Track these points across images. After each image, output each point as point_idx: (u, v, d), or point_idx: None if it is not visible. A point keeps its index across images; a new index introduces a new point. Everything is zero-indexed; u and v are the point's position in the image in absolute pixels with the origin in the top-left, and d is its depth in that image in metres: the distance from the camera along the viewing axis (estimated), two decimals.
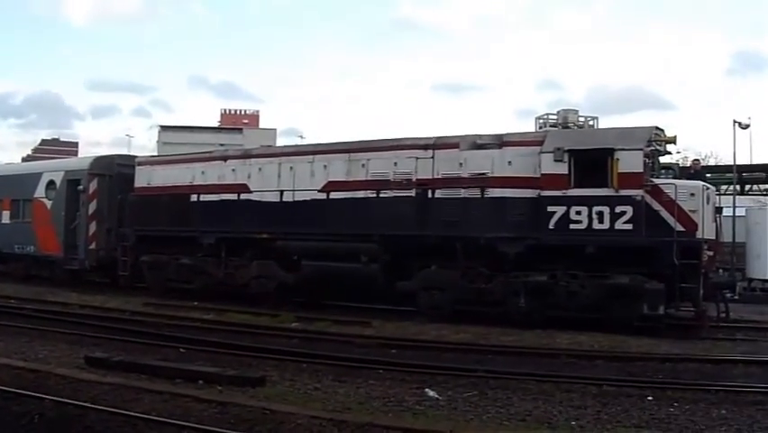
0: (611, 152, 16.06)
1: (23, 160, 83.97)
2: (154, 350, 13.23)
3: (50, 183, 27.06)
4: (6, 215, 28.99)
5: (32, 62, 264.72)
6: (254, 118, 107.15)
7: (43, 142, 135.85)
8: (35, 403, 8.80)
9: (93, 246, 25.12)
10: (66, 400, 8.89)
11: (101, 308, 19.58)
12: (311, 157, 20.30)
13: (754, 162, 38.60)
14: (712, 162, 47.34)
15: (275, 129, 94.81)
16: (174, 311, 19.24)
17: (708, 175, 24.26)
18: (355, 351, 13.57)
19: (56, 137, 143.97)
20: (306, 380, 11.00)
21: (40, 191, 27.37)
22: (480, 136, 17.98)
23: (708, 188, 16.67)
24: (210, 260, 21.93)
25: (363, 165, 19.16)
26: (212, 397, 9.42)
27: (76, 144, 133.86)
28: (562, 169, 16.46)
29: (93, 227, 25.15)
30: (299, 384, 10.69)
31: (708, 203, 16.24)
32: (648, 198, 15.85)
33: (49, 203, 26.97)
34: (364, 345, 14.34)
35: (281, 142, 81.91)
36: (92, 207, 25.25)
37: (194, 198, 22.46)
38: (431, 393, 10.16)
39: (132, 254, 23.86)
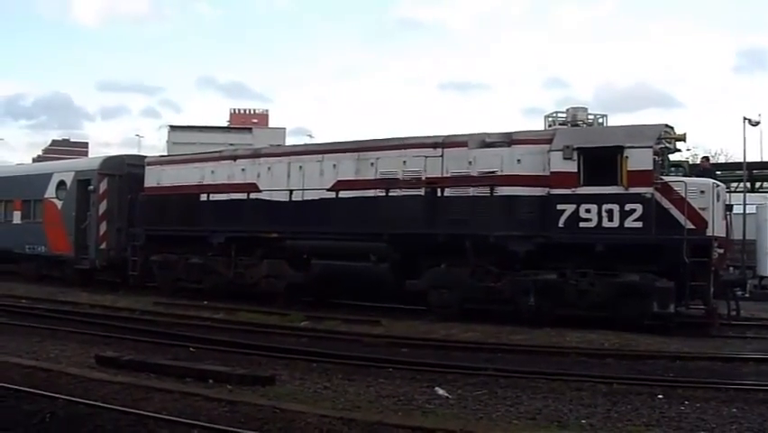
0: (621, 149, 16.02)
1: (34, 160, 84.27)
2: (164, 349, 13.25)
3: (61, 183, 27.17)
4: (17, 215, 29.15)
5: (41, 64, 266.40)
6: (263, 118, 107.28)
7: (54, 142, 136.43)
8: (47, 402, 8.83)
9: (103, 246, 25.22)
10: (77, 400, 8.91)
11: (111, 308, 19.65)
12: (320, 156, 20.32)
13: (765, 159, 38.47)
14: (722, 160, 47.21)
15: (284, 128, 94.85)
16: (184, 310, 19.29)
17: (718, 172, 24.18)
18: (365, 350, 13.57)
19: (66, 138, 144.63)
20: (315, 379, 11.01)
21: (50, 192, 27.49)
22: (488, 135, 17.95)
23: (718, 186, 16.62)
24: (220, 259, 21.97)
25: (372, 164, 19.17)
26: (222, 396, 9.43)
27: (86, 145, 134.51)
28: (572, 167, 16.44)
29: (103, 227, 25.25)
30: (309, 383, 10.70)
31: (718, 200, 16.19)
32: (658, 196, 15.82)
33: (59, 203, 27.08)
34: (374, 343, 14.36)
35: (290, 141, 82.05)
36: (102, 206, 25.34)
37: (203, 197, 22.52)
38: (440, 392, 10.16)
39: (143, 254, 23.95)
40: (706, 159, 23.26)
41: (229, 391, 9.83)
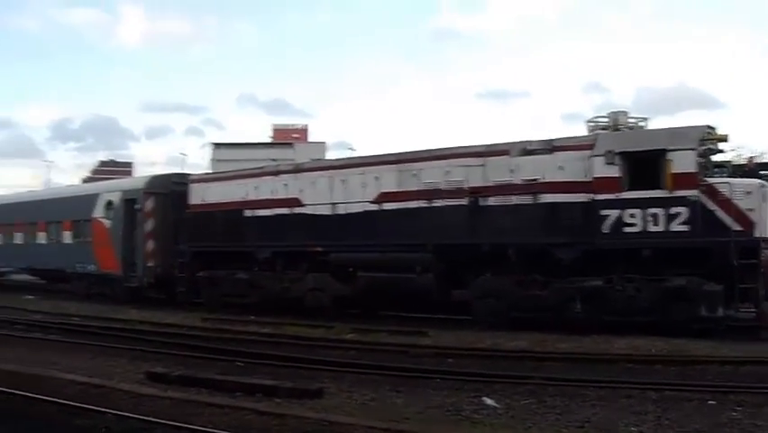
0: (663, 152, 15.89)
1: (84, 181, 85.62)
2: (213, 364, 13.37)
3: (109, 203, 27.66)
4: (68, 235, 29.83)
5: (88, 88, 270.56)
6: (304, 133, 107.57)
7: (101, 163, 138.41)
8: (100, 417, 8.99)
9: (151, 264, 25.58)
10: (129, 415, 9.04)
11: (160, 324, 19.84)
12: (362, 169, 20.42)
13: None
14: None
15: (325, 142, 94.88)
16: (231, 325, 19.44)
17: (764, 172, 23.78)
18: (412, 361, 13.58)
19: (113, 158, 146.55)
20: (363, 391, 11.03)
21: (98, 211, 28.00)
22: (530, 142, 17.90)
23: (764, 186, 16.35)
24: (265, 274, 22.16)
25: (415, 175, 19.20)
26: (271, 409, 9.50)
27: (132, 165, 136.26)
28: (614, 172, 16.32)
29: (150, 245, 25.61)
30: (357, 395, 10.74)
31: (765, 201, 15.93)
32: (703, 199, 15.63)
33: (107, 222, 27.57)
34: (420, 354, 14.34)
35: (331, 155, 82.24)
36: (149, 225, 25.72)
37: (248, 213, 22.74)
38: (488, 402, 10.14)
39: (190, 271, 24.23)
40: (751, 159, 22.92)
41: (277, 405, 9.89)
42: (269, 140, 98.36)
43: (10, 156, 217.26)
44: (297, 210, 21.50)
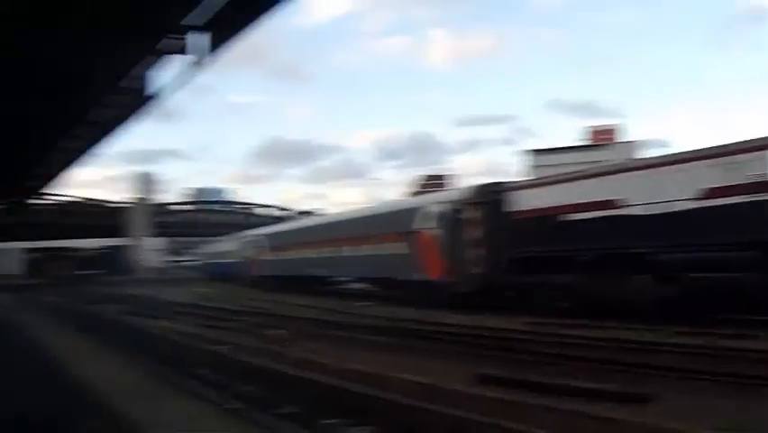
0: None
1: (412, 195, 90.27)
2: (537, 367, 13.53)
3: (433, 214, 29.09)
4: (397, 246, 31.78)
5: (405, 109, 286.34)
6: (618, 132, 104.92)
7: (424, 177, 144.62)
8: (435, 415, 9.58)
9: (475, 270, 26.48)
10: (462, 415, 9.48)
11: (485, 328, 20.34)
12: (682, 165, 19.66)
13: None
14: None
15: (640, 141, 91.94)
16: (553, 329, 19.52)
17: None
18: (747, 366, 12.84)
19: (432, 173, 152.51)
20: (693, 396, 10.65)
21: (424, 222, 29.55)
22: None
23: None
24: (587, 277, 22.04)
25: (741, 168, 18.12)
26: (600, 413, 9.44)
27: (450, 177, 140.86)
28: None
29: (474, 252, 26.53)
30: (687, 401, 10.35)
31: None
32: None
33: (432, 232, 28.99)
34: (754, 359, 13.51)
35: (648, 153, 79.53)
36: (471, 233, 26.67)
37: (566, 217, 22.79)
38: None
39: (512, 276, 24.75)
40: None
41: (606, 409, 9.82)
42: (583, 143, 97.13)
43: (341, 177, 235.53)
44: (618, 212, 21.19)
